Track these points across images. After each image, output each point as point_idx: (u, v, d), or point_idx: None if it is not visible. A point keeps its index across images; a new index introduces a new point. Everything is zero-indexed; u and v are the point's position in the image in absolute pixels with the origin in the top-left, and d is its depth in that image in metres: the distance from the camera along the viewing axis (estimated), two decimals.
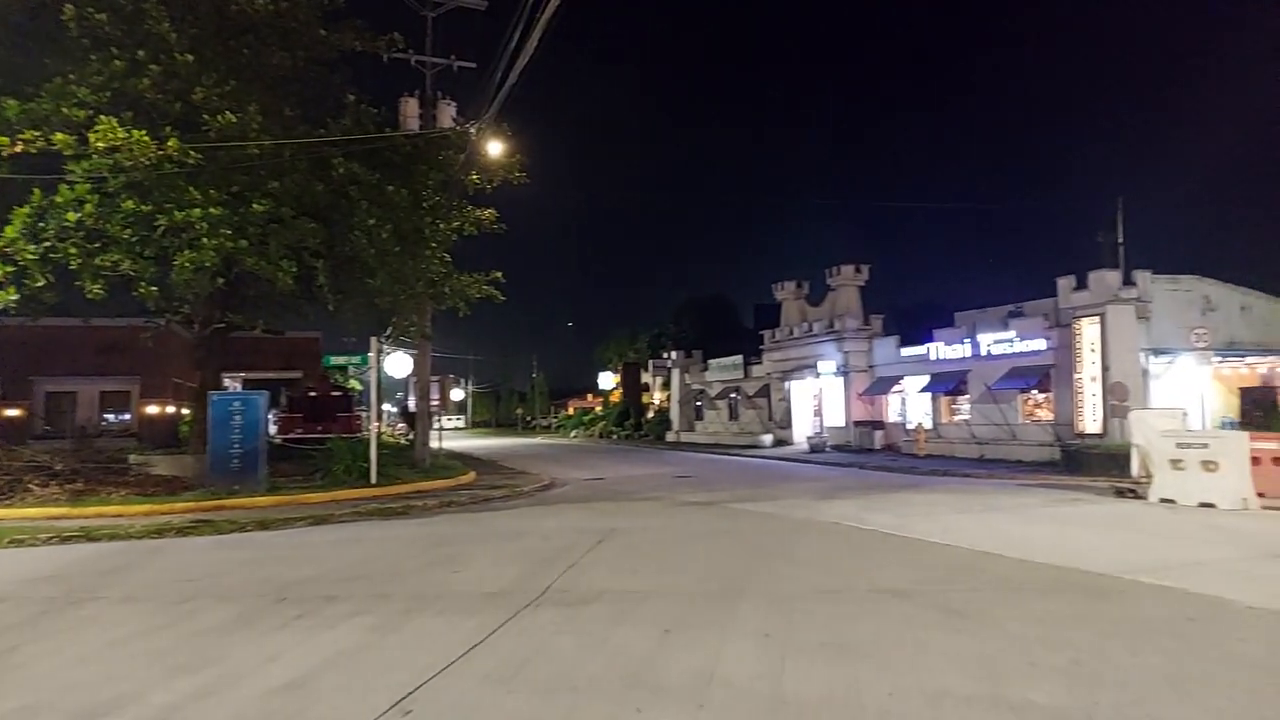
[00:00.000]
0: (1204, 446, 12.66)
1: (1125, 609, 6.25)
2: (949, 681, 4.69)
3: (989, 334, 26.35)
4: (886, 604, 6.55)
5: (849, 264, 33.75)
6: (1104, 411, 21.91)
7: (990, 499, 14.23)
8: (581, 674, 4.99)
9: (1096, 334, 22.47)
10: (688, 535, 10.71)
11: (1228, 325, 24.62)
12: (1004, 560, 8.33)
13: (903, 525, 10.94)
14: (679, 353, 47.54)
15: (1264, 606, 6.14)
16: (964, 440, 26.79)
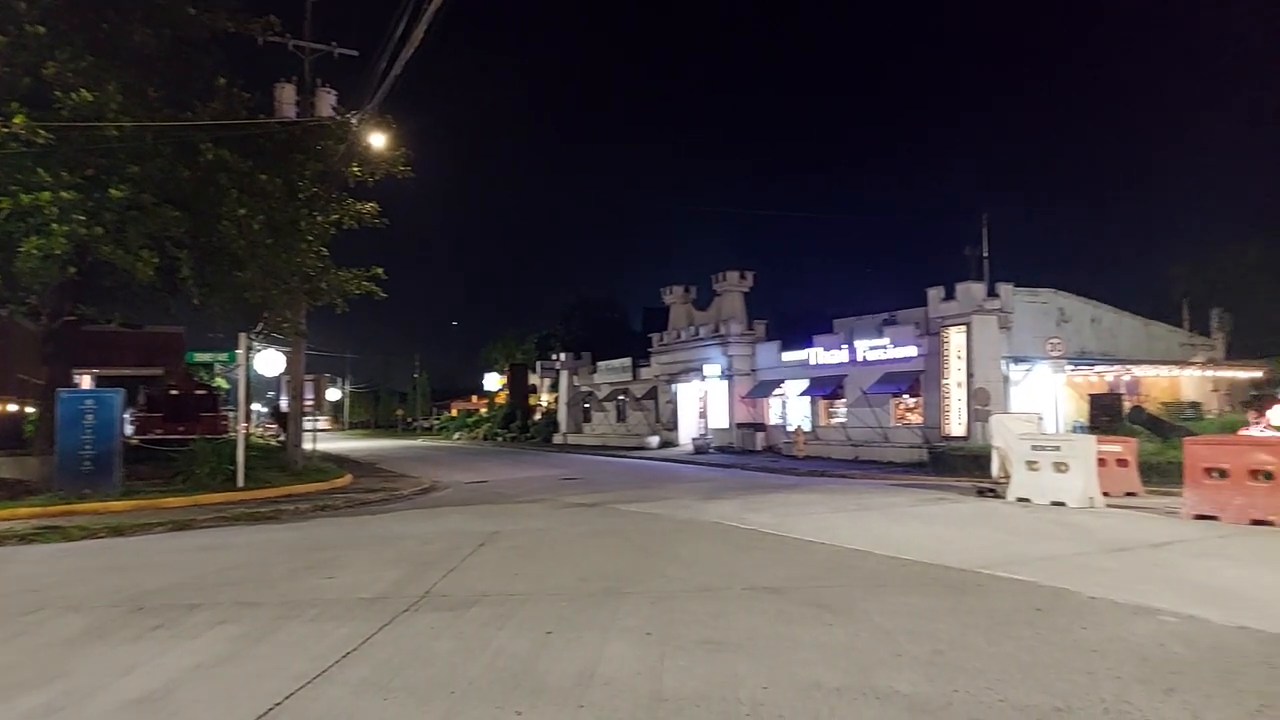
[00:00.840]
0: (1056, 449, 13.58)
1: (983, 601, 6.62)
2: (820, 673, 4.85)
3: (865, 340, 27.48)
4: (764, 601, 6.71)
5: (734, 270, 34.53)
6: (968, 415, 23.21)
7: (863, 499, 14.82)
8: (461, 678, 4.90)
9: (963, 342, 23.79)
10: (572, 537, 10.68)
11: (1079, 336, 26.56)
12: (873, 557, 8.68)
13: (781, 524, 11.25)
14: (568, 354, 47.42)
15: (1103, 597, 6.63)
16: (840, 442, 27.83)
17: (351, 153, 17.61)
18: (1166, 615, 6.01)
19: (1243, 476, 10.90)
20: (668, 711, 4.31)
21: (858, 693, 4.53)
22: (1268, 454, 10.98)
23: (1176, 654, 5.12)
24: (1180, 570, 7.73)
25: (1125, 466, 14.69)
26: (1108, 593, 6.74)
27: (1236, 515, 10.68)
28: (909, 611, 6.30)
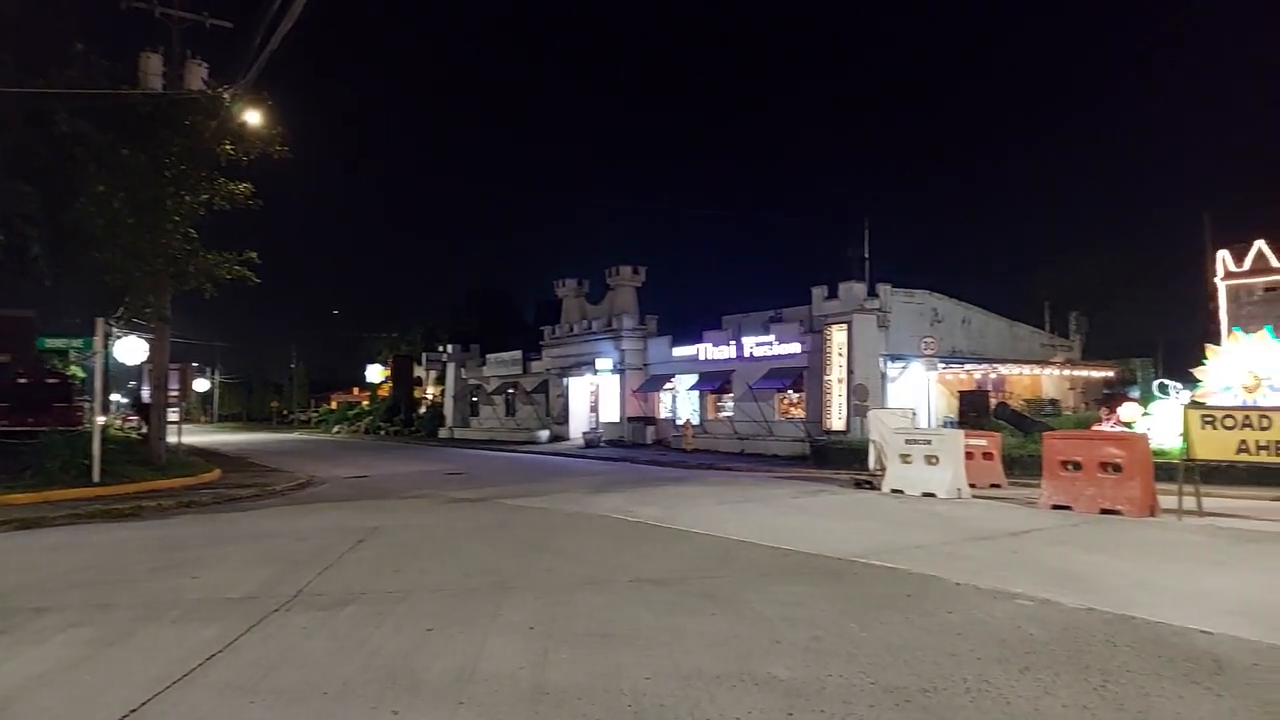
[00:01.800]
0: (928, 443, 14.24)
1: (858, 588, 6.87)
2: (702, 662, 4.91)
3: (752, 337, 28.11)
4: (649, 593, 6.76)
5: (628, 265, 34.70)
6: (848, 410, 24.06)
7: (748, 491, 15.15)
8: (335, 678, 4.72)
9: (844, 339, 24.63)
10: (456, 532, 10.47)
11: (951, 336, 27.93)
12: (757, 548, 8.88)
13: (668, 517, 11.37)
14: (455, 346, 46.48)
15: (967, 583, 6.98)
16: (727, 436, 28.38)
17: (224, 130, 16.67)
18: (1023, 599, 6.39)
19: (1094, 469, 11.70)
20: (549, 705, 4.27)
21: (737, 680, 4.61)
22: (1116, 448, 11.83)
23: (1031, 635, 5.44)
24: (1037, 557, 8.23)
25: (990, 460, 15.56)
26: (971, 579, 7.10)
27: (1088, 505, 11.46)
28: (789, 599, 6.46)
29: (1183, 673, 4.65)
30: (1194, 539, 9.21)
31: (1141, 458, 11.40)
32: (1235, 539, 9.13)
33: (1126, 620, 5.74)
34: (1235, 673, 4.65)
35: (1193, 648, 5.12)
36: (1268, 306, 17.98)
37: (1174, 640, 5.28)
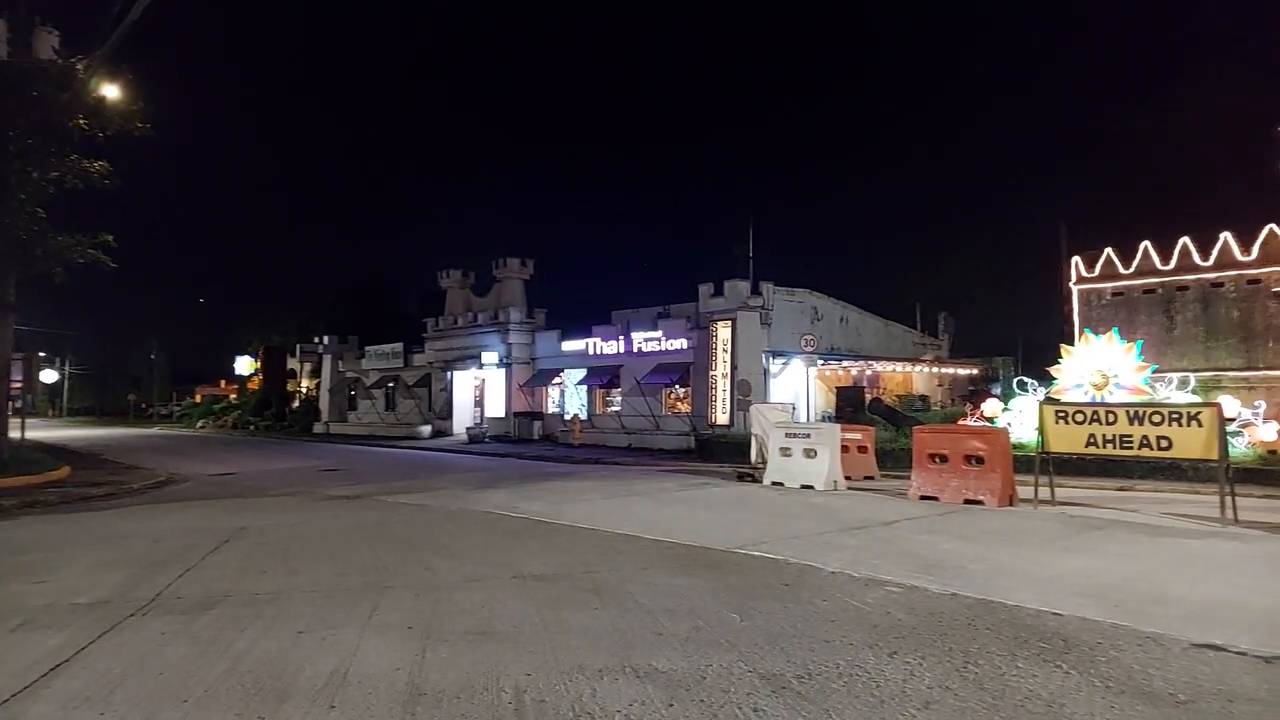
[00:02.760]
0: (807, 436, 14.69)
1: (739, 579, 7.00)
2: (584, 657, 4.89)
3: (640, 332, 28.30)
4: (533, 589, 6.68)
5: (515, 257, 34.28)
6: (732, 405, 24.56)
7: (634, 485, 15.24)
8: (196, 685, 4.46)
9: (729, 336, 25.13)
10: (330, 531, 10.08)
11: (830, 333, 28.93)
12: (641, 541, 8.93)
13: (554, 512, 11.29)
14: (332, 338, 44.74)
15: (842, 571, 7.24)
16: (615, 430, 28.48)
17: (78, 103, 15.46)
18: (893, 586, 6.67)
19: (959, 461, 12.35)
20: (427, 705, 4.16)
21: (619, 673, 4.61)
22: (979, 441, 12.52)
23: (900, 620, 5.68)
24: (906, 545, 8.61)
25: (865, 453, 16.20)
26: (846, 567, 7.37)
27: (954, 495, 12.09)
28: (672, 591, 6.53)
29: (1036, 652, 4.96)
30: (1047, 527, 9.85)
31: (1002, 451, 12.10)
32: (1083, 526, 9.81)
33: (987, 604, 6.08)
34: (1082, 651, 4.98)
35: (1045, 628, 5.45)
36: (1115, 310, 19.43)
37: (1029, 622, 5.61)
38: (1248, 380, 17.44)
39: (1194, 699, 4.18)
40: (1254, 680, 4.43)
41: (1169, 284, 18.69)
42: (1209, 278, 18.13)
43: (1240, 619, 5.61)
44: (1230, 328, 17.85)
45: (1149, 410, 11.18)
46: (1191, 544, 8.63)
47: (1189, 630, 5.33)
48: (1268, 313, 17.14)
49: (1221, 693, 4.26)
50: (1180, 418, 10.70)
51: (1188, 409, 10.90)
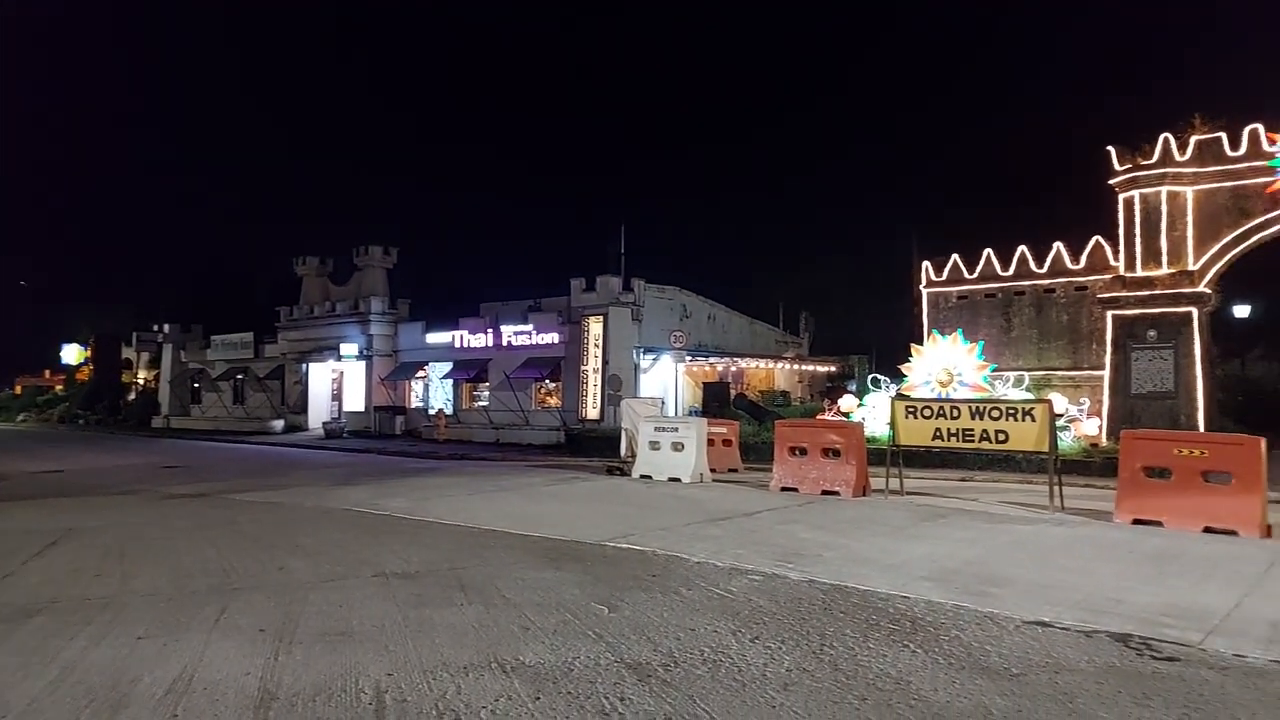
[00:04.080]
0: (675, 431, 14.92)
1: (607, 571, 7.03)
2: (449, 654, 4.79)
3: (510, 325, 28.00)
4: (395, 587, 6.48)
5: (378, 245, 33.15)
6: (603, 400, 24.69)
7: (502, 480, 15.05)
8: (19, 697, 4.09)
9: (600, 331, 25.24)
10: (172, 531, 9.44)
11: (698, 330, 29.52)
12: (509, 536, 8.82)
13: (417, 509, 10.99)
14: (174, 326, 41.84)
15: (707, 561, 7.40)
16: (483, 425, 28.07)
17: None
18: (755, 575, 6.86)
19: (817, 454, 12.86)
20: (279, 709, 3.96)
21: (485, 668, 4.54)
22: (836, 435, 13.07)
23: (762, 607, 5.86)
24: (768, 535, 8.88)
25: (730, 446, 16.63)
26: (710, 557, 7.53)
27: (812, 486, 12.58)
28: (540, 586, 6.48)
29: (886, 634, 5.22)
30: (897, 515, 10.40)
31: (857, 444, 12.68)
32: (929, 515, 10.42)
33: (842, 589, 6.35)
34: (927, 631, 5.28)
35: (895, 611, 5.75)
36: (960, 312, 20.73)
37: (880, 605, 5.91)
38: (1074, 379, 19.01)
39: (1025, 672, 4.51)
40: (1076, 653, 4.83)
41: (1008, 289, 20.10)
42: (1043, 284, 19.63)
43: (1066, 598, 6.10)
44: (1060, 331, 19.40)
45: (988, 406, 12.00)
46: (1024, 530, 9.32)
47: (1021, 609, 5.75)
48: (1092, 317, 18.72)
49: (1048, 665, 4.62)
50: (1016, 413, 11.54)
51: (1022, 405, 11.77)
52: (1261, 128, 16.27)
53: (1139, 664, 4.64)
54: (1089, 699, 4.12)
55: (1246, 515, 8.88)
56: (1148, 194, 17.42)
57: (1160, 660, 4.70)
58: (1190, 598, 6.10)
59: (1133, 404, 17.36)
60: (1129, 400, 17.46)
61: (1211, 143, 16.88)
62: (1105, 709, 4.00)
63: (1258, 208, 16.45)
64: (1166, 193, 17.22)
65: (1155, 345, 17.30)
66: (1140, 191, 17.50)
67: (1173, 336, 17.17)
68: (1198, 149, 16.98)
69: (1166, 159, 17.18)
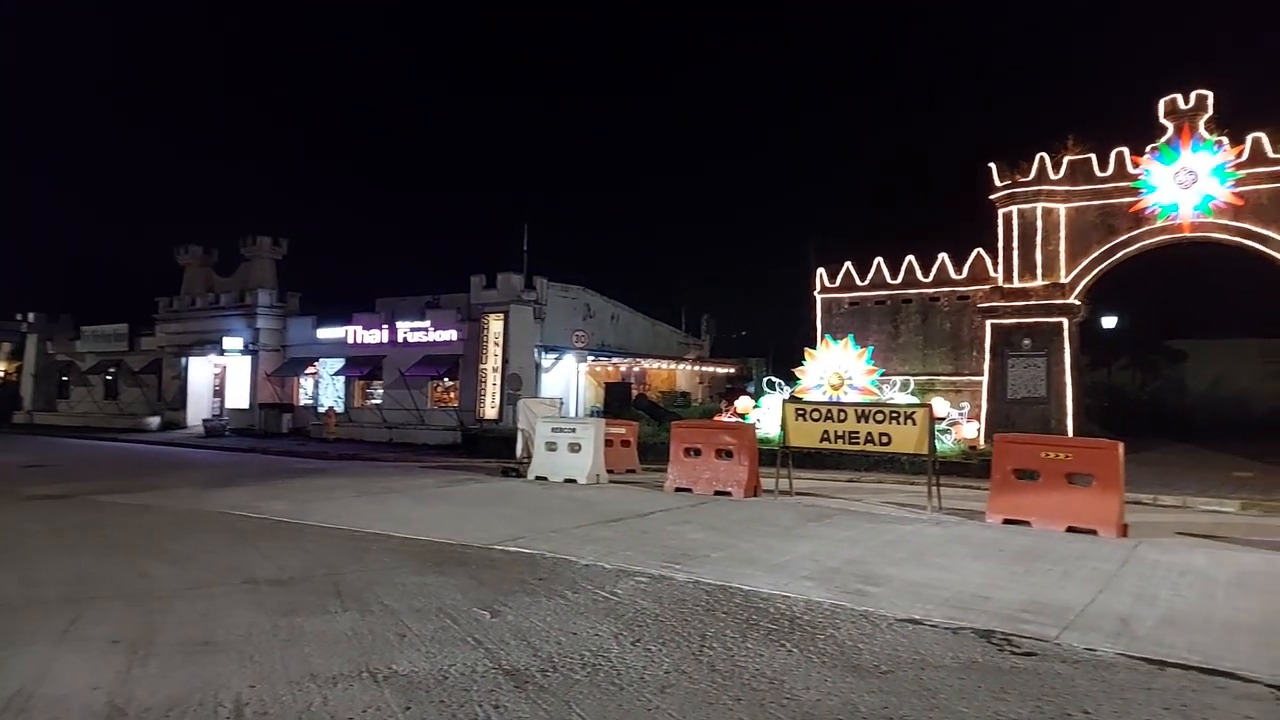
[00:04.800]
0: (572, 431, 14.84)
1: (493, 575, 6.91)
2: (318, 664, 4.61)
3: (407, 321, 27.31)
4: (266, 595, 6.20)
5: (267, 235, 31.83)
6: (502, 399, 24.35)
7: (392, 481, 14.65)
8: None
9: (501, 329, 24.90)
10: (26, 534, 8.80)
11: (601, 330, 29.49)
12: (394, 539, 8.58)
13: (299, 512, 10.57)
14: (39, 315, 39.06)
15: (595, 563, 7.37)
16: (375, 424, 27.28)
17: None
18: (642, 576, 6.88)
19: (711, 455, 13.02)
20: None
21: (354, 678, 4.38)
22: (729, 436, 13.27)
23: (646, 608, 5.87)
24: (658, 536, 8.92)
25: (628, 447, 16.67)
26: (599, 559, 7.50)
27: (705, 487, 12.72)
28: (421, 591, 6.32)
29: (765, 633, 5.30)
30: (785, 515, 10.62)
31: (749, 445, 12.90)
32: (815, 515, 10.68)
33: (726, 590, 6.43)
34: (805, 630, 5.39)
35: (775, 611, 5.86)
36: (852, 318, 21.37)
37: (761, 605, 6.00)
38: (956, 384, 19.86)
39: (894, 669, 4.66)
40: (942, 650, 5.02)
41: (896, 297, 20.85)
42: (928, 293, 20.44)
43: (937, 595, 6.34)
44: (944, 338, 20.23)
45: (873, 409, 12.40)
46: (903, 529, 9.66)
47: (895, 607, 5.94)
48: (973, 325, 19.60)
49: (915, 662, 4.78)
50: (898, 416, 11.96)
51: (904, 409, 12.20)
52: (1127, 151, 17.37)
53: (999, 659, 4.85)
54: (951, 694, 4.28)
55: (1106, 515, 9.44)
56: (1025, 209, 18.36)
57: (1019, 655, 4.93)
58: (1050, 594, 6.44)
59: (1009, 408, 18.27)
60: (1005, 405, 18.36)
61: (1083, 163, 17.92)
62: (965, 703, 4.17)
63: (1123, 225, 17.55)
64: (1042, 209, 18.19)
65: (1029, 353, 18.25)
66: (1018, 207, 18.43)
67: (1045, 345, 18.15)
68: (1070, 168, 18.01)
69: (1042, 177, 18.15)
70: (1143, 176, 17.06)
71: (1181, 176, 16.56)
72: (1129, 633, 5.38)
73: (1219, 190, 16.23)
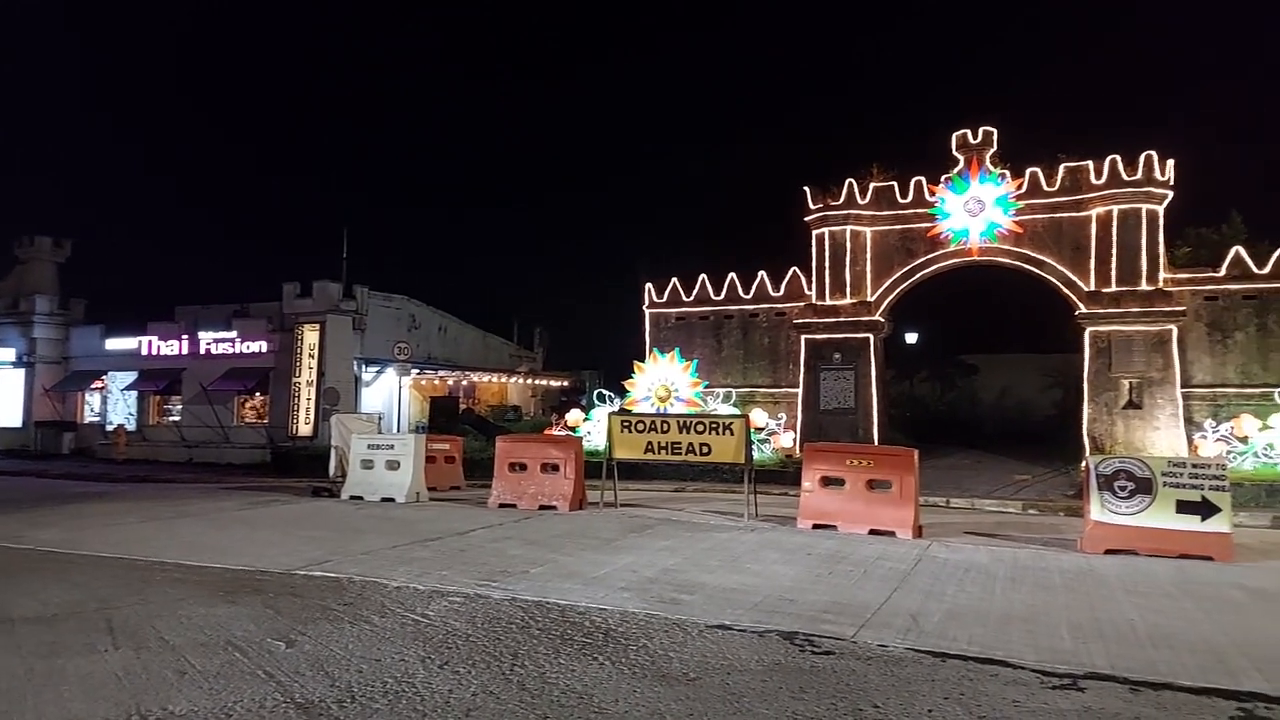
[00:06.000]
0: (390, 448, 14.24)
1: (293, 603, 6.45)
2: (77, 709, 4.12)
3: (211, 332, 25.43)
4: (23, 635, 5.50)
5: (47, 235, 28.73)
6: (317, 415, 23.09)
7: (187, 505, 13.48)
8: None
9: (316, 340, 23.64)
10: None
11: (428, 342, 28.65)
12: (183, 568, 7.86)
13: (72, 540, 9.49)
14: None
15: (407, 585, 7.05)
16: (174, 443, 25.17)
17: None
18: (456, 596, 6.64)
19: (537, 469, 12.87)
20: None
21: None
22: (556, 450, 13.19)
23: (457, 629, 5.66)
24: (477, 554, 8.67)
25: (453, 463, 16.21)
26: (412, 581, 7.19)
27: (530, 502, 12.56)
28: (210, 624, 5.80)
29: (578, 648, 5.24)
30: (609, 527, 10.64)
31: (576, 458, 12.85)
32: (638, 525, 10.78)
33: (542, 606, 6.32)
34: (618, 642, 5.38)
35: (592, 624, 5.81)
36: (678, 332, 21.85)
37: (578, 619, 5.94)
38: (774, 396, 20.73)
39: (701, 675, 4.72)
40: (748, 653, 5.14)
41: (719, 312, 21.54)
42: (749, 309, 21.26)
43: (747, 600, 6.52)
44: (762, 352, 21.09)
45: (694, 421, 12.71)
46: (720, 537, 9.92)
47: (707, 614, 6.05)
48: (789, 340, 20.55)
49: (723, 667, 4.87)
50: (718, 427, 12.31)
51: (724, 420, 12.59)
52: (925, 180, 18.83)
53: (800, 659, 5.03)
54: (754, 697, 4.38)
55: (903, 518, 10.11)
56: (835, 231, 19.50)
57: (819, 655, 5.13)
58: (851, 595, 6.78)
59: (821, 419, 19.27)
60: (818, 415, 19.35)
61: (886, 190, 19.26)
62: (766, 704, 4.27)
63: (921, 248, 19.00)
64: (850, 231, 19.39)
65: (840, 367, 19.36)
66: (830, 229, 19.55)
67: (854, 359, 19.31)
68: (875, 195, 19.31)
69: (851, 202, 19.35)
70: (938, 204, 18.52)
71: (971, 205, 18.13)
72: (918, 628, 5.74)
73: (1002, 219, 17.89)
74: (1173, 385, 16.48)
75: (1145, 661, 5.05)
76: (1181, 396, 16.48)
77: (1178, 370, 16.53)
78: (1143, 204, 16.94)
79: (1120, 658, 5.11)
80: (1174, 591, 7.08)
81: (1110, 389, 16.94)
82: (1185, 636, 5.62)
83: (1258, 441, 14.85)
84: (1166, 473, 9.04)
